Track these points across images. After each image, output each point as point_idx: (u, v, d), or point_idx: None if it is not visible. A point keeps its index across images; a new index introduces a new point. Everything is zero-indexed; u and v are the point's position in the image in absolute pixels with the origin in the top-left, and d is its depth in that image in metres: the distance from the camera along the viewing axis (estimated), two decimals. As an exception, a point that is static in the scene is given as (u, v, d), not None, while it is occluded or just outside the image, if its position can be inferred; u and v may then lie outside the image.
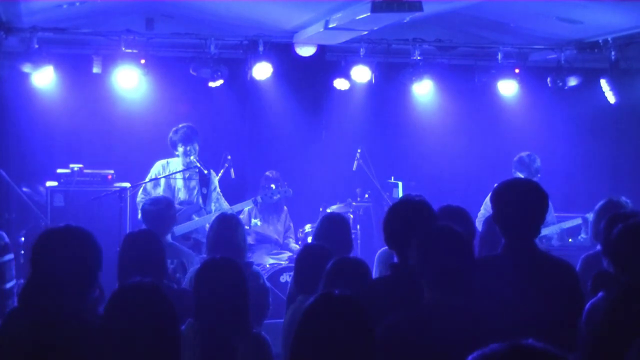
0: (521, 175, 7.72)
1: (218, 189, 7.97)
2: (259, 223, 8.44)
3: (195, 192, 7.84)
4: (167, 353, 2.78)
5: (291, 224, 8.72)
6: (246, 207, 8.08)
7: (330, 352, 2.59)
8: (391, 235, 3.87)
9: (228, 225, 5.41)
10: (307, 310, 2.70)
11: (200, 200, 7.76)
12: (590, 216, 6.70)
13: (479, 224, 6.11)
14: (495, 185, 3.77)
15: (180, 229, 7.57)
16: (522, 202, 3.63)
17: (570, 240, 7.91)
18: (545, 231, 7.56)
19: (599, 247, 4.97)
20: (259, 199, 7.93)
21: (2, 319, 3.51)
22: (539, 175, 7.86)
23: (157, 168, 7.89)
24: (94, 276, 3.27)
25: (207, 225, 7.54)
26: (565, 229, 7.81)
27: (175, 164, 7.88)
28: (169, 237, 6.00)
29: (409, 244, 3.35)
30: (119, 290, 2.91)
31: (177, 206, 7.70)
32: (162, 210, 6.00)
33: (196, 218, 7.70)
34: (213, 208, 7.80)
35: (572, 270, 3.69)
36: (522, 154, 8.03)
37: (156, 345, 2.75)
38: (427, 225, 3.53)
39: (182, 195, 7.84)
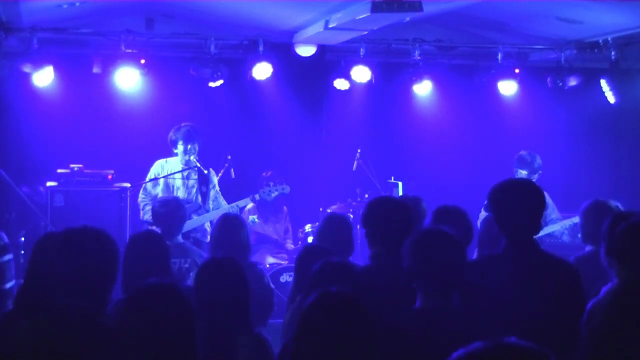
0: (523, 173, 7.70)
1: (217, 187, 7.98)
2: (256, 220, 8.47)
3: (194, 190, 7.84)
4: (186, 353, 2.77)
5: (289, 226, 8.73)
6: (244, 204, 8.10)
7: (331, 349, 2.58)
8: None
9: (232, 225, 5.44)
10: (307, 308, 2.70)
11: (200, 199, 7.76)
12: None
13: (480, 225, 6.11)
14: (493, 185, 3.76)
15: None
16: (521, 201, 3.63)
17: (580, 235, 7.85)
18: (555, 227, 7.52)
19: (588, 248, 4.97)
20: (256, 196, 7.95)
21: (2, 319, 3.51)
22: (540, 172, 7.85)
23: (157, 168, 7.90)
24: (114, 278, 3.27)
25: (207, 224, 7.60)
26: (575, 224, 7.70)
27: (174, 163, 7.89)
28: (179, 237, 6.06)
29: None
30: (139, 290, 2.88)
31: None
32: (172, 212, 6.09)
33: (195, 217, 7.71)
34: (211, 206, 7.80)
35: (573, 269, 3.69)
36: (522, 152, 8.01)
37: (176, 345, 2.75)
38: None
39: (180, 194, 7.85)
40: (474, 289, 3.40)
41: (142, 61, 8.25)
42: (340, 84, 9.24)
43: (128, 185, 7.95)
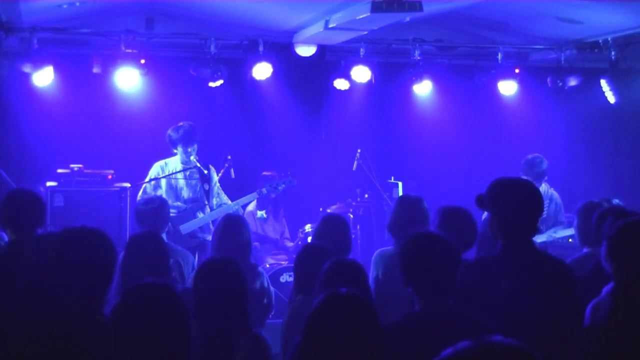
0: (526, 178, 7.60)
1: (218, 184, 7.97)
2: (264, 215, 8.50)
3: (198, 189, 7.83)
4: (178, 353, 2.78)
5: (285, 226, 8.73)
6: (251, 199, 8.07)
7: (341, 351, 2.58)
8: None
9: (233, 226, 5.42)
10: (316, 310, 2.69)
11: (204, 198, 7.76)
12: None
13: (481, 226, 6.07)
14: (491, 183, 3.74)
15: (186, 227, 7.57)
16: (520, 202, 3.62)
17: (570, 240, 7.88)
18: (539, 238, 7.45)
19: (585, 249, 4.95)
20: (264, 190, 7.93)
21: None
22: (545, 178, 7.78)
23: (156, 169, 7.87)
24: (110, 277, 3.28)
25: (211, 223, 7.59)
26: (559, 238, 7.65)
27: (174, 163, 7.87)
28: (164, 237, 5.97)
29: None
30: (132, 290, 2.89)
31: (181, 205, 7.72)
32: (155, 210, 5.97)
33: (201, 215, 7.70)
34: (215, 203, 7.81)
35: (569, 270, 3.68)
36: (528, 156, 7.88)
37: (168, 344, 2.75)
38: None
39: (185, 193, 7.84)
40: (471, 290, 3.39)
41: (142, 61, 8.26)
42: (340, 84, 9.24)
43: (128, 185, 7.95)
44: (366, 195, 8.94)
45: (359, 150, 8.95)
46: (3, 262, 4.34)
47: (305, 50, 9.05)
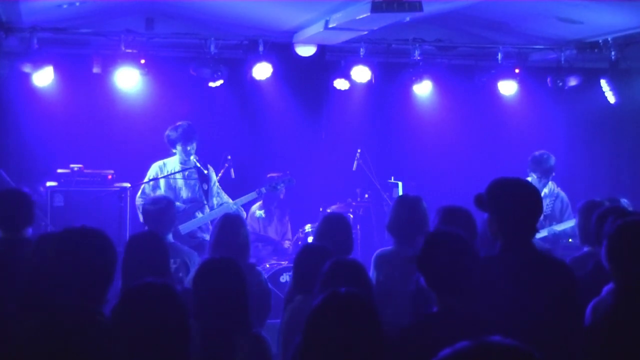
0: (534, 175, 7.61)
1: (217, 183, 7.97)
2: (263, 214, 8.48)
3: (197, 189, 7.83)
4: (177, 352, 2.78)
5: (289, 228, 8.73)
6: (250, 199, 8.07)
7: (341, 351, 2.58)
8: None
9: (231, 225, 5.41)
10: (316, 310, 2.69)
11: (203, 197, 7.76)
12: None
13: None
14: (490, 183, 3.74)
15: (185, 227, 7.57)
16: (520, 202, 3.62)
17: (570, 240, 7.87)
18: (540, 234, 7.43)
19: (585, 249, 4.95)
20: (262, 190, 7.92)
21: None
22: (553, 174, 7.74)
23: (155, 170, 7.87)
24: (110, 277, 3.28)
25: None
26: (559, 231, 7.63)
27: (172, 163, 7.87)
28: (170, 237, 5.98)
29: None
30: (132, 289, 2.90)
31: (180, 205, 7.72)
32: (162, 210, 5.98)
33: (200, 215, 7.70)
34: (215, 202, 7.81)
35: (569, 270, 3.68)
36: (535, 153, 7.82)
37: (167, 344, 2.75)
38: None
39: (184, 194, 7.84)
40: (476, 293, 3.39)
41: (142, 61, 8.26)
42: (340, 84, 9.24)
43: (128, 185, 7.95)
44: (366, 195, 8.93)
45: (359, 150, 8.95)
46: None
47: (305, 50, 9.05)
